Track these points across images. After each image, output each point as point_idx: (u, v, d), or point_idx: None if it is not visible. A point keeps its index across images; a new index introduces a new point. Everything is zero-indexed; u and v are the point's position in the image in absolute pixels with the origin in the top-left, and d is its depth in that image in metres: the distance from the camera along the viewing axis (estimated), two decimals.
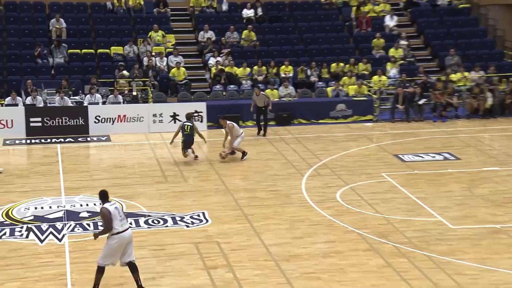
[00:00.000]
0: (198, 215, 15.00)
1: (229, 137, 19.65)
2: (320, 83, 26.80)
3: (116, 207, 11.09)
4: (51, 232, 13.98)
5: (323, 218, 14.72)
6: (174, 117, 23.57)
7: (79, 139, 22.21)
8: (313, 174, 18.28)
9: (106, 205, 11.00)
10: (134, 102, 24.33)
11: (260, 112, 23.01)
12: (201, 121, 23.68)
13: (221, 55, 27.60)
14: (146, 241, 13.53)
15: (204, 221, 14.69)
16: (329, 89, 26.17)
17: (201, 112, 23.75)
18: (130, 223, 14.28)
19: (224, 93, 25.98)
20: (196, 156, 19.30)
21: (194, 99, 25.29)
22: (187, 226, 14.38)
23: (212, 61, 27.36)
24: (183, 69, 26.57)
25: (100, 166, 19.69)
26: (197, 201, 16.08)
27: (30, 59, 26.45)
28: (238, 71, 27.00)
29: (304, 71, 27.18)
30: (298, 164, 19.25)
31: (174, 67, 26.44)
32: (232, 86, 26.41)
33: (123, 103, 24.07)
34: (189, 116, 19.78)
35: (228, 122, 19.55)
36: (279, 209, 15.41)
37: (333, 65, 27.54)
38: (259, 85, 24.76)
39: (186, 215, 14.98)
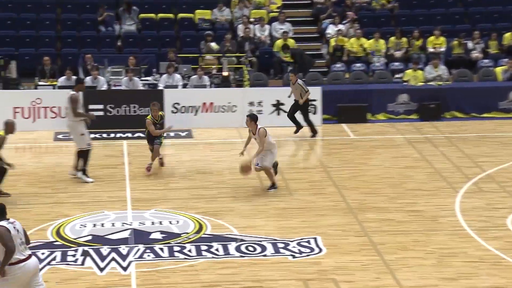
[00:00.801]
0: (309, 242, 15.02)
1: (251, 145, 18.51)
2: (485, 61, 26.25)
3: (16, 227, 10.97)
4: (113, 258, 14.31)
5: (486, 253, 14.40)
6: (278, 106, 23.72)
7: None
8: (472, 190, 18.00)
9: (3, 223, 10.88)
10: (225, 86, 24.61)
11: (296, 107, 22.75)
12: (314, 113, 23.65)
13: (344, 21, 27.53)
14: (238, 275, 13.66)
15: (317, 250, 14.70)
16: (498, 69, 25.61)
17: (314, 100, 23.73)
18: (217, 249, 14.51)
19: (346, 75, 25.90)
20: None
21: (305, 82, 25.31)
22: (293, 257, 14.41)
23: (331, 30, 27.37)
24: (292, 41, 26.67)
25: (178, 171, 20.02)
26: (307, 223, 16.11)
27: (90, 26, 27.21)
28: (367, 43, 26.88)
29: (463, 44, 26.70)
30: (450, 175, 19.02)
31: (279, 38, 26.57)
32: (358, 64, 26.31)
33: (210, 86, 24.41)
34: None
35: (260, 127, 18.08)
36: (422, 237, 15.26)
37: (507, 35, 26.90)
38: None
39: (292, 241, 15.04)
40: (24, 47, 26.73)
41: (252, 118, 17.93)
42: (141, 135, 21.83)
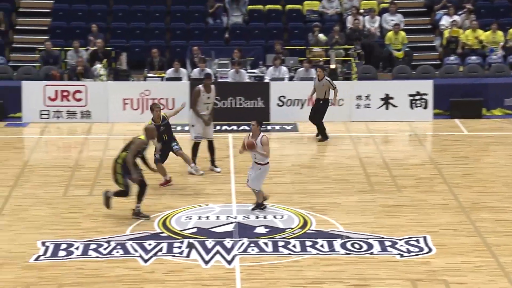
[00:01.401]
0: (417, 241, 14.87)
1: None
2: None
3: None
4: (218, 252, 14.47)
5: None
6: (387, 100, 23.55)
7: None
8: None
9: None
10: (332, 79, 24.49)
11: (317, 107, 22.05)
12: (425, 107, 23.41)
13: (459, 12, 27.10)
14: (344, 272, 13.62)
15: (426, 249, 14.55)
16: None
17: (425, 94, 23.50)
18: (322, 245, 14.50)
19: (460, 68, 25.51)
20: None
21: (416, 75, 25.09)
22: (401, 256, 14.29)
23: (445, 21, 27.00)
24: (403, 33, 26.47)
25: (283, 165, 20.03)
26: (415, 221, 15.94)
27: (199, 17, 27.50)
28: (484, 36, 26.38)
29: None
30: None
31: (390, 30, 26.37)
32: (473, 57, 25.86)
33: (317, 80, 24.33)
34: None
35: (263, 134, 16.49)
36: None
37: None
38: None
39: (400, 240, 14.92)
40: (135, 39, 27.19)
41: (259, 123, 16.76)
42: (246, 128, 21.91)
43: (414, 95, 23.67)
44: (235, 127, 23.06)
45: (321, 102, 21.72)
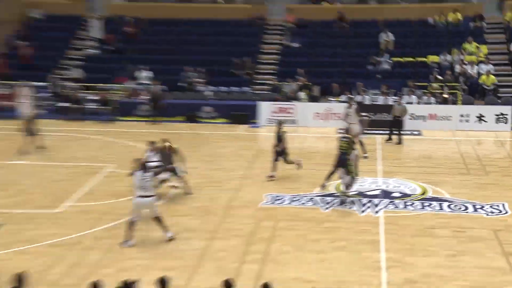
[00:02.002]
0: (498, 206, 14.22)
1: None
2: None
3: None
4: (369, 206, 14.41)
5: None
6: (480, 118, 22.61)
7: (395, 132, 22.23)
8: None
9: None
10: (444, 103, 23.82)
11: (395, 122, 20.86)
12: (505, 123, 22.33)
13: None
14: (449, 223, 13.27)
15: (504, 211, 13.90)
16: None
17: (506, 114, 22.83)
18: (434, 206, 14.21)
19: None
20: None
21: (501, 103, 23.84)
22: (487, 214, 13.76)
23: None
24: (493, 76, 25.33)
25: (411, 155, 19.76)
26: (497, 193, 15.32)
27: (362, 65, 27.18)
28: None
29: None
30: None
31: (483, 74, 25.32)
32: None
33: (435, 103, 23.67)
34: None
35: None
36: None
37: None
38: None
39: (486, 205, 14.32)
40: (322, 78, 26.60)
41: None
42: (387, 132, 21.46)
43: (498, 115, 22.60)
44: (382, 131, 22.52)
45: (398, 117, 21.05)
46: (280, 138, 16.39)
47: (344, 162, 14.32)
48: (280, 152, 16.44)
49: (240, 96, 25.40)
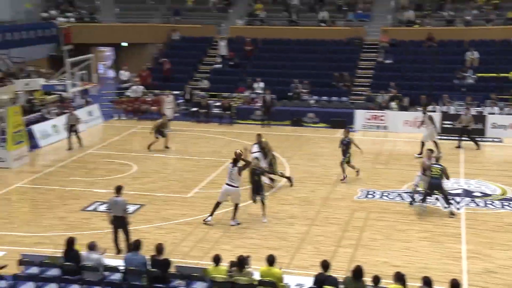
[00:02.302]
0: None
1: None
2: None
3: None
4: (452, 203, 13.76)
5: None
6: None
7: (477, 139, 21.01)
8: None
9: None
10: None
11: (464, 130, 19.64)
12: None
13: None
14: None
15: None
16: None
17: None
18: None
19: None
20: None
21: None
22: None
23: None
24: None
25: (492, 160, 18.80)
26: None
27: (448, 79, 25.98)
28: None
29: None
30: None
31: None
32: None
33: None
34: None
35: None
36: None
37: None
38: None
39: None
40: (412, 90, 25.78)
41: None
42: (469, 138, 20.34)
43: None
44: (464, 138, 21.44)
45: (467, 127, 19.91)
46: (347, 144, 15.96)
47: (439, 186, 13.24)
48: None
49: (339, 105, 25.12)
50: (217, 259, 9.03)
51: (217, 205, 12.89)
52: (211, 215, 12.96)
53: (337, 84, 26.43)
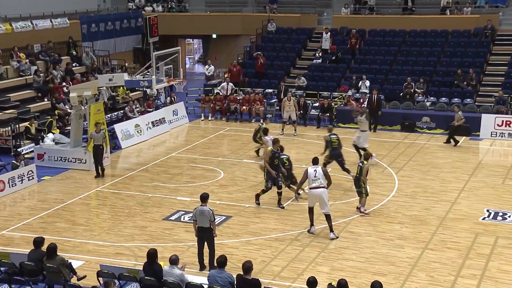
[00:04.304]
0: None
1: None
2: None
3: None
4: None
5: None
6: None
7: None
8: None
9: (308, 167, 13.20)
10: None
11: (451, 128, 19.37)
12: None
13: None
14: None
15: None
16: None
17: None
18: None
19: None
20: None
21: None
22: None
23: None
24: None
25: None
26: None
27: None
28: None
29: None
30: None
31: None
32: None
33: None
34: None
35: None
36: None
37: None
38: None
39: None
40: None
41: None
42: None
43: None
44: None
45: None
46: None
47: None
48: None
49: (461, 108, 24.07)
50: (312, 283, 8.90)
51: (311, 211, 13.27)
52: (312, 224, 13.30)
53: (459, 83, 25.38)
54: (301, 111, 24.06)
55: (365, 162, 14.34)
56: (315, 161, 13.68)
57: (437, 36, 28.55)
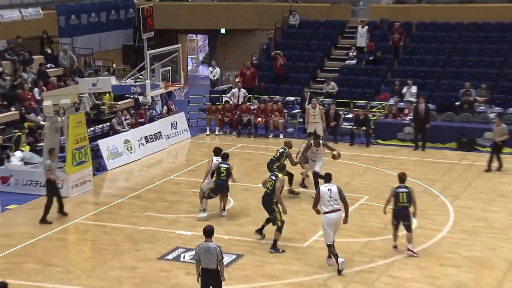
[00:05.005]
0: None
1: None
2: None
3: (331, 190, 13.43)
4: None
5: None
6: None
7: None
8: None
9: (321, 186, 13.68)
10: None
11: (496, 147, 20.45)
12: None
13: None
14: None
15: None
16: None
17: None
18: None
19: None
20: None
21: None
22: None
23: None
24: None
25: None
26: None
27: None
28: None
29: None
30: None
31: None
32: None
33: None
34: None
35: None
36: None
37: None
38: None
39: None
40: None
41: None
42: None
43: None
44: None
45: (500, 143, 21.04)
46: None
47: None
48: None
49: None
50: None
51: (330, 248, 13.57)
52: (336, 260, 13.39)
53: None
54: (331, 123, 24.06)
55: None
56: (328, 178, 13.79)
57: (504, 29, 28.44)
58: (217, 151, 17.03)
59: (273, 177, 14.68)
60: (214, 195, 16.66)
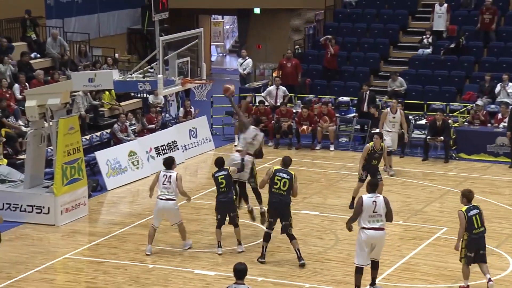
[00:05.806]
0: None
1: None
2: None
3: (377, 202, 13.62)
4: None
5: None
6: None
7: None
8: None
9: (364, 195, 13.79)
10: None
11: None
12: None
13: None
14: None
15: None
16: None
17: None
18: None
19: None
20: None
21: None
22: None
23: None
24: None
25: None
26: None
27: None
28: None
29: None
30: None
31: None
32: None
33: None
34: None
35: None
36: None
37: None
38: None
39: None
40: None
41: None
42: None
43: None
44: None
45: None
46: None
47: None
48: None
49: None
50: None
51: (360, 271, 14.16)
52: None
53: None
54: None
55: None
56: (373, 187, 13.96)
57: None
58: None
59: (285, 175, 15.41)
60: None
